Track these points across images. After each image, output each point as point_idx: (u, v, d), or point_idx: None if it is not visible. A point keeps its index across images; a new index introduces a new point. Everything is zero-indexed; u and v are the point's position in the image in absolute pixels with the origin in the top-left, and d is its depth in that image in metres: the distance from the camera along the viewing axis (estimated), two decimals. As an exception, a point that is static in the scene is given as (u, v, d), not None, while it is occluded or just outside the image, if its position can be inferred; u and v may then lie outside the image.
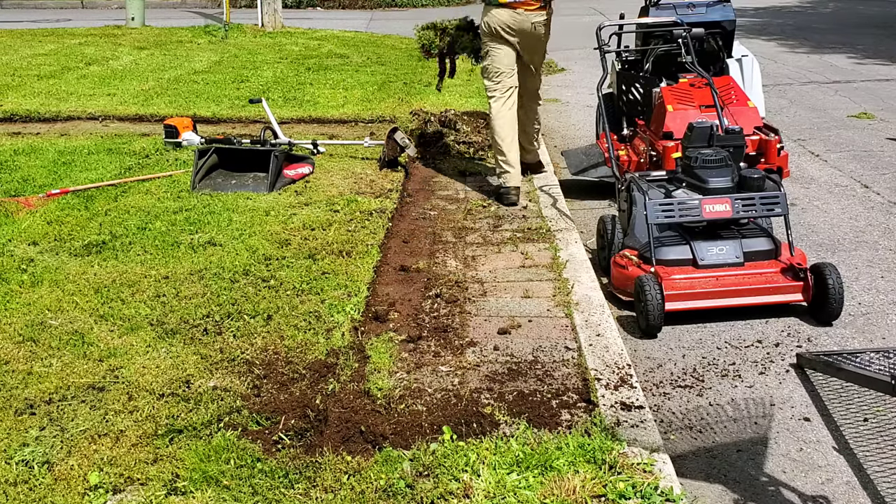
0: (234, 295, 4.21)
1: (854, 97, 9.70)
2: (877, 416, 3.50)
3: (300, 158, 6.45)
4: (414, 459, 2.90)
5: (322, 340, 3.76)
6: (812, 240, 5.44)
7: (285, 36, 14.51)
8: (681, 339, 4.23)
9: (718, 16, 6.47)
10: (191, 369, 3.50)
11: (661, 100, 5.88)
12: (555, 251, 4.97)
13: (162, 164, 6.61)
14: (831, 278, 4.23)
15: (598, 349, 3.79)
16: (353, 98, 9.00)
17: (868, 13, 17.79)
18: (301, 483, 2.80)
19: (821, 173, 6.86)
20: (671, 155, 5.38)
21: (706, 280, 4.35)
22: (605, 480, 2.78)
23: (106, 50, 12.57)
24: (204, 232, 5.08)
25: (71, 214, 5.39)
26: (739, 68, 6.70)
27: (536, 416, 3.24)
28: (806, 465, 3.22)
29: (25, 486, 2.80)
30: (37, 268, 4.55)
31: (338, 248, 4.81)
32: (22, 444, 3.01)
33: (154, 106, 8.70)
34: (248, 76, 10.46)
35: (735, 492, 3.08)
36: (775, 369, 3.93)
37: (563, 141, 8.03)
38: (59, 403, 3.26)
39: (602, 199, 6.25)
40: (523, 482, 2.78)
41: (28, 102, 8.81)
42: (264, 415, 3.18)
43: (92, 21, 16.77)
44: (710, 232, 4.54)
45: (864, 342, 4.15)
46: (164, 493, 2.76)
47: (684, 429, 3.48)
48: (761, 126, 5.94)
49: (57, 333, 3.81)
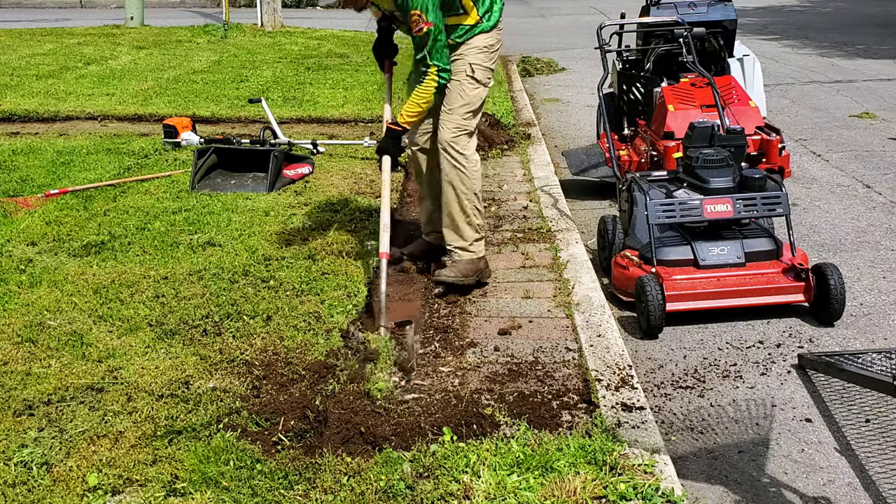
0: (233, 295, 4.19)
1: (856, 97, 9.69)
2: (878, 417, 3.49)
3: (300, 158, 6.44)
4: (414, 460, 2.89)
5: (322, 341, 3.75)
6: (814, 240, 5.42)
7: (285, 35, 14.50)
8: (682, 340, 4.21)
9: (720, 15, 6.47)
10: (190, 370, 3.49)
11: (662, 99, 5.87)
12: (555, 251, 4.96)
13: (161, 164, 6.60)
14: (833, 279, 4.21)
15: (598, 350, 3.78)
16: (353, 98, 8.98)
17: (869, 12, 17.80)
18: (301, 484, 2.79)
19: (822, 173, 6.85)
20: (672, 155, 5.37)
21: (707, 280, 4.34)
22: (605, 482, 2.76)
23: (105, 50, 12.56)
24: (203, 232, 5.06)
25: (70, 215, 5.37)
26: (741, 68, 6.69)
27: (537, 417, 3.23)
28: (807, 467, 3.20)
29: (24, 487, 2.78)
30: (35, 268, 4.54)
31: (337, 248, 4.80)
32: (20, 445, 3.00)
33: (153, 106, 8.69)
34: (248, 76, 10.45)
35: (736, 493, 3.06)
36: (777, 370, 3.91)
37: (564, 141, 8.02)
38: (57, 404, 3.25)
39: (603, 200, 6.24)
40: (524, 483, 2.76)
41: (27, 102, 8.80)
42: (264, 416, 3.17)
43: (91, 21, 16.78)
44: (711, 232, 4.52)
45: (866, 343, 4.14)
46: (164, 494, 2.74)
47: (685, 430, 3.47)
48: (763, 126, 5.93)
49: (56, 334, 3.80)
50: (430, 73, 4.17)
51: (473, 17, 4.30)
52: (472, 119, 4.36)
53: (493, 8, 4.36)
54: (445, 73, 4.20)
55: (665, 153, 5.55)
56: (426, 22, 4.05)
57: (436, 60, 4.15)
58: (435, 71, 4.16)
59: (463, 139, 4.32)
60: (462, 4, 4.27)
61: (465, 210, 4.36)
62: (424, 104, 4.23)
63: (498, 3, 4.39)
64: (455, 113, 4.31)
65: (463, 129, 4.31)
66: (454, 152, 4.29)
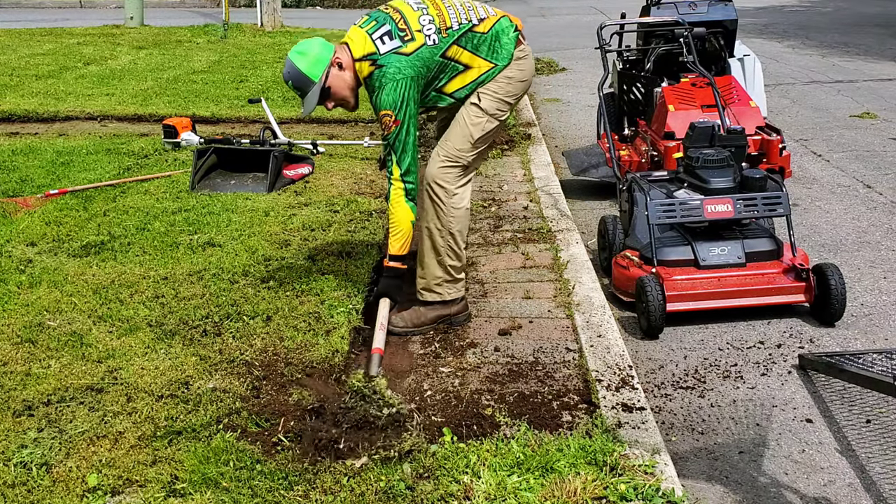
0: (233, 296, 4.19)
1: (857, 97, 9.69)
2: (879, 418, 3.48)
3: (300, 158, 6.44)
4: (414, 461, 2.88)
5: (322, 342, 3.74)
6: (814, 240, 5.42)
7: (285, 35, 14.49)
8: (682, 341, 4.21)
9: (720, 15, 6.47)
10: (190, 370, 3.48)
11: (663, 99, 5.87)
12: (556, 252, 4.95)
13: (161, 164, 6.60)
14: (833, 279, 4.21)
15: (599, 350, 3.77)
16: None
17: (870, 12, 17.79)
18: (300, 485, 2.78)
19: (823, 173, 6.85)
20: (672, 155, 5.37)
21: (708, 281, 4.33)
22: (606, 482, 2.76)
23: (104, 50, 12.56)
24: (203, 232, 5.06)
25: (69, 215, 5.37)
26: (741, 68, 6.69)
27: (537, 417, 3.22)
28: (808, 467, 3.20)
29: (24, 487, 2.78)
30: (35, 269, 4.53)
31: (337, 248, 4.79)
32: (20, 445, 2.99)
33: (153, 106, 8.68)
34: (248, 76, 10.45)
35: (737, 493, 3.06)
36: (777, 370, 3.91)
37: (564, 141, 8.01)
38: (57, 405, 3.24)
39: (603, 200, 6.23)
40: (524, 484, 2.76)
41: (26, 102, 8.79)
42: (264, 416, 3.16)
43: (90, 21, 16.77)
44: (711, 232, 4.52)
45: (867, 343, 4.13)
46: (164, 494, 2.74)
47: (686, 430, 3.46)
48: (763, 126, 5.93)
49: (55, 334, 3.79)
50: (395, 180, 3.68)
51: (480, 65, 3.78)
52: (468, 153, 3.83)
53: (501, 41, 3.80)
54: (412, 175, 3.70)
55: (665, 153, 5.55)
56: (394, 121, 3.63)
57: (400, 163, 3.67)
58: (399, 176, 3.68)
59: (451, 172, 3.82)
60: (458, 62, 3.76)
61: (436, 248, 3.89)
62: (404, 221, 3.71)
63: (507, 34, 3.81)
64: (449, 142, 3.84)
65: (453, 160, 3.81)
66: (435, 185, 3.81)
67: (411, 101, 3.65)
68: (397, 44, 3.66)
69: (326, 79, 3.73)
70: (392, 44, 3.66)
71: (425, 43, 3.68)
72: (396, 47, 3.65)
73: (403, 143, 3.67)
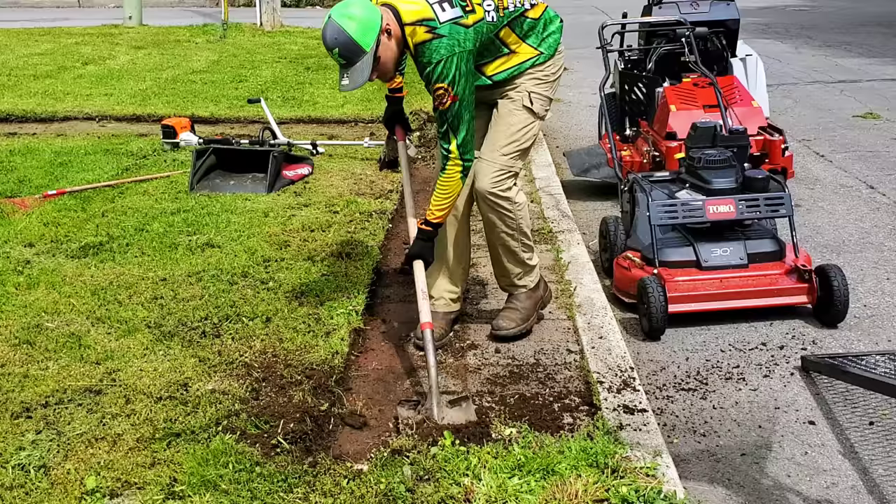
0: (232, 297, 4.17)
1: (859, 97, 9.67)
2: (882, 420, 3.47)
3: (299, 159, 6.42)
4: (414, 463, 2.86)
5: (321, 343, 3.72)
6: (817, 241, 5.40)
7: (284, 35, 14.47)
8: (684, 342, 4.19)
9: (722, 14, 6.45)
10: (189, 372, 3.46)
11: (665, 100, 5.85)
12: (557, 253, 4.94)
13: (160, 164, 6.58)
14: (836, 280, 4.19)
15: (600, 352, 3.75)
16: (353, 98, 8.95)
17: (873, 12, 17.78)
18: (300, 487, 2.77)
19: (826, 174, 6.83)
20: (674, 155, 5.35)
21: (710, 282, 4.31)
22: (607, 484, 2.74)
23: (103, 49, 12.54)
24: (202, 233, 5.04)
25: (67, 216, 5.35)
26: (743, 68, 6.66)
27: (538, 419, 3.21)
28: (811, 469, 3.18)
29: (22, 490, 2.76)
30: (33, 270, 4.51)
31: (337, 249, 4.77)
32: (18, 447, 2.97)
33: (151, 106, 8.67)
34: (247, 76, 10.43)
35: (739, 496, 3.04)
36: (780, 372, 3.89)
37: (566, 141, 7.99)
38: (55, 407, 3.22)
39: (605, 200, 6.21)
40: (525, 486, 2.74)
41: (24, 102, 8.77)
42: (263, 418, 3.14)
43: (89, 20, 16.74)
44: (713, 233, 4.50)
45: (870, 345, 4.11)
46: (162, 497, 2.72)
47: (688, 432, 3.44)
48: (766, 126, 5.91)
49: (53, 336, 3.77)
50: (453, 157, 3.51)
51: (525, 52, 3.66)
52: (520, 160, 3.74)
53: (548, 30, 3.70)
54: (469, 153, 3.55)
55: (667, 153, 5.53)
56: (451, 96, 3.41)
57: (457, 136, 3.49)
58: (458, 154, 3.51)
59: (507, 182, 3.70)
60: (506, 44, 3.62)
61: (512, 251, 3.86)
62: (453, 194, 3.59)
63: (554, 23, 3.73)
64: (498, 152, 3.67)
65: (507, 171, 3.68)
66: (494, 199, 3.69)
67: (469, 74, 3.45)
68: (458, 13, 3.41)
69: (377, 47, 3.38)
70: (453, 12, 3.41)
71: (484, 18, 3.49)
72: (457, 17, 3.40)
73: (460, 118, 3.47)
